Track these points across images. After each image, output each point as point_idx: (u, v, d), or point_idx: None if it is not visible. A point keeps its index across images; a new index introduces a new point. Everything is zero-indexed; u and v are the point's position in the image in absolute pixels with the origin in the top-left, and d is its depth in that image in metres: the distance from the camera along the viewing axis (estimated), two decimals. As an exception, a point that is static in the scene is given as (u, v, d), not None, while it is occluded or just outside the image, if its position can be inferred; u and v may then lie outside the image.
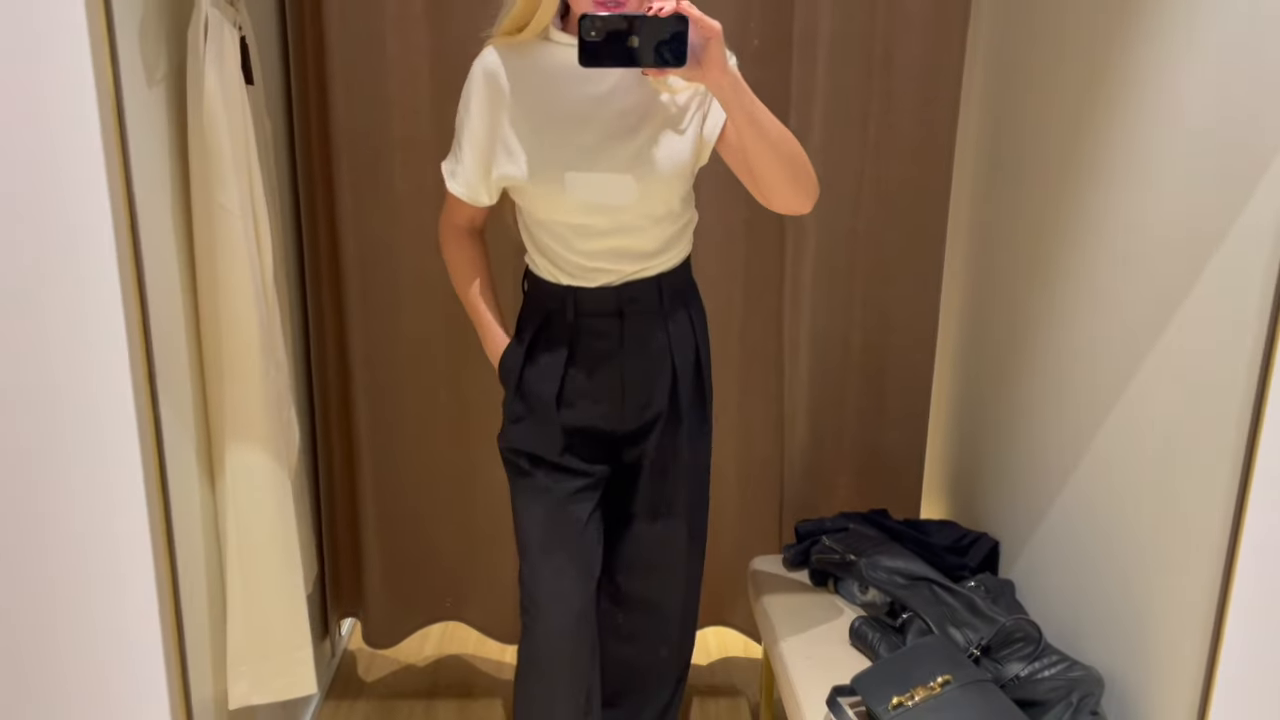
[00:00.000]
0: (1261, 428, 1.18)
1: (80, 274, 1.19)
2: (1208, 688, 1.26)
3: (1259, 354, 1.18)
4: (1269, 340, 1.16)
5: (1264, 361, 1.17)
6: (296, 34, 2.01)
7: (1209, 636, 1.26)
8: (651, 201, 1.50)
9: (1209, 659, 1.25)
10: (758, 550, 2.23)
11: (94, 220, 1.18)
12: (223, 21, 1.44)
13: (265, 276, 1.56)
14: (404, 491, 2.27)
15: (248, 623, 1.59)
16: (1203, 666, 1.27)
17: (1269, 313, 1.17)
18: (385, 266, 2.13)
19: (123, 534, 1.28)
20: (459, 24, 1.96)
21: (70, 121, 1.16)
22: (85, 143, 1.16)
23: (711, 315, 1.73)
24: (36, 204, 1.18)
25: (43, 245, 1.19)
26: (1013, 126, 1.97)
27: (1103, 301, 1.60)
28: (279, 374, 1.61)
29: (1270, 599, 1.22)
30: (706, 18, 1.32)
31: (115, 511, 1.28)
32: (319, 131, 2.05)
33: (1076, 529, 1.68)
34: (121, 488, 1.27)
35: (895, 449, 2.29)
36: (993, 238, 2.06)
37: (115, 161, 1.19)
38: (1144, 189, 1.48)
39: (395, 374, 2.20)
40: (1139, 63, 1.49)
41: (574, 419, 1.60)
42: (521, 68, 1.48)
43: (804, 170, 1.48)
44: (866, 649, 1.76)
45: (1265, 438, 1.18)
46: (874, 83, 2.09)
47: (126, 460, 1.25)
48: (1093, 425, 1.62)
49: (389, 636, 2.35)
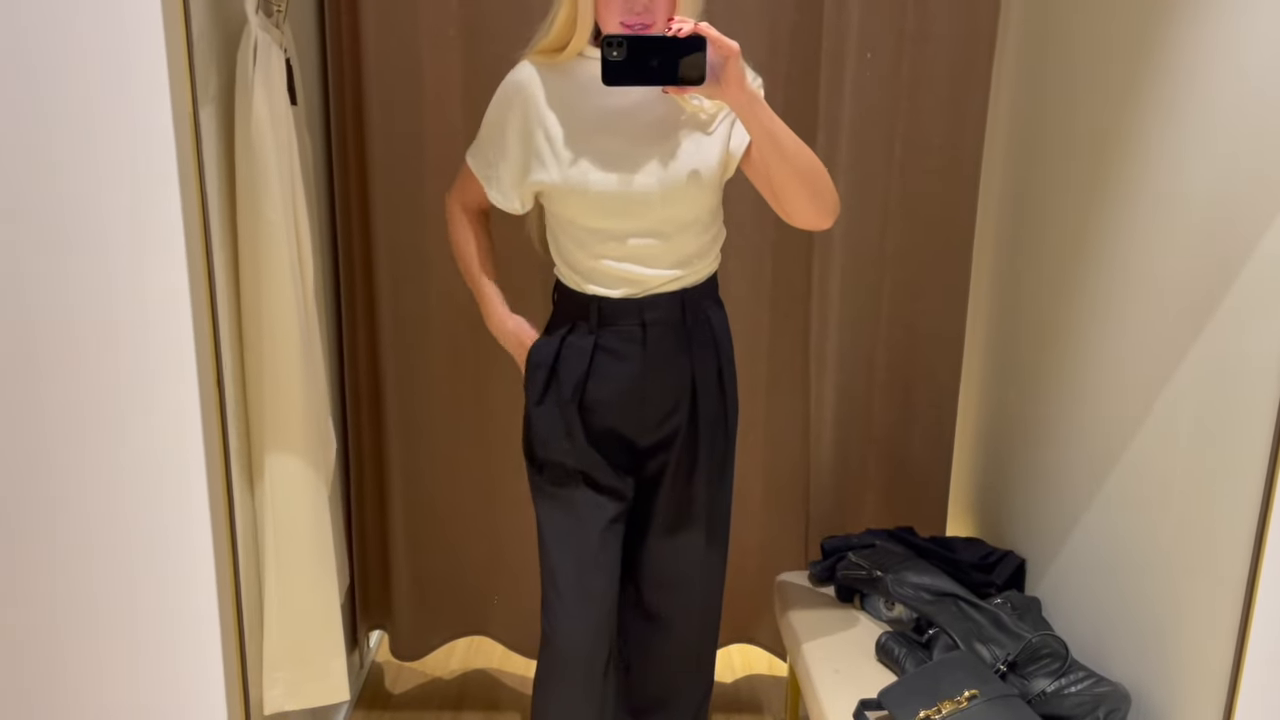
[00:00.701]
0: None
1: (152, 281, 1.24)
2: (1230, 703, 1.26)
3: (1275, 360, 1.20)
4: None
5: None
6: (335, 57, 2.06)
7: (1233, 651, 1.27)
8: (677, 205, 1.54)
9: (1233, 674, 1.26)
10: (783, 567, 2.24)
11: (168, 233, 1.23)
12: (270, 44, 1.49)
13: (307, 289, 1.60)
14: (432, 507, 2.30)
15: (283, 629, 1.61)
16: (1226, 681, 1.28)
17: None
18: (417, 282, 2.17)
19: (186, 538, 1.32)
20: (493, 46, 2.01)
21: (147, 140, 1.21)
22: (161, 164, 1.22)
23: (738, 334, 1.76)
24: (113, 215, 1.23)
25: (116, 255, 1.24)
26: (1039, 144, 1.99)
27: (1128, 320, 1.62)
28: (318, 384, 1.65)
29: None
30: (724, 38, 1.38)
31: (180, 517, 1.32)
32: (355, 150, 2.11)
33: (1102, 546, 1.69)
34: (185, 494, 1.31)
35: (921, 466, 2.30)
36: (1018, 256, 2.08)
37: (191, 179, 1.25)
38: (1170, 205, 1.50)
39: (425, 389, 2.24)
40: (1166, 80, 1.52)
41: (596, 423, 1.63)
42: (554, 80, 1.55)
43: (824, 186, 1.52)
44: (893, 664, 1.77)
45: None
46: (900, 103, 2.12)
47: (191, 465, 1.30)
48: (1119, 443, 1.63)
49: (416, 649, 2.37)
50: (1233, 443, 1.32)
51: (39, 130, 1.20)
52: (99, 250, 1.23)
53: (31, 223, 1.22)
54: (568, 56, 1.52)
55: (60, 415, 1.28)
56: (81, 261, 1.23)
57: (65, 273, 1.23)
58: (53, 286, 1.24)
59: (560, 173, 1.53)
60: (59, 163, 1.21)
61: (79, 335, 1.25)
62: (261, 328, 1.51)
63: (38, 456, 1.29)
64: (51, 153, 1.21)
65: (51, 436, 1.28)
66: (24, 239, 1.22)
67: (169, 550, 1.32)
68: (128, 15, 1.17)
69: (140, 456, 1.29)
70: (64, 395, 1.27)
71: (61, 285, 1.24)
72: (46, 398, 1.27)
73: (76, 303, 1.24)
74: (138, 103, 1.20)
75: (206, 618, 1.34)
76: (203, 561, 1.32)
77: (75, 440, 1.28)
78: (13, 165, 1.20)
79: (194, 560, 1.32)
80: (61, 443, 1.28)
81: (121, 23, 1.18)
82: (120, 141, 1.20)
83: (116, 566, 1.33)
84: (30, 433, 1.28)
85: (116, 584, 1.34)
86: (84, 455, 1.29)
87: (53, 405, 1.27)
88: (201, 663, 1.36)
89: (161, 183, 1.21)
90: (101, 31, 1.18)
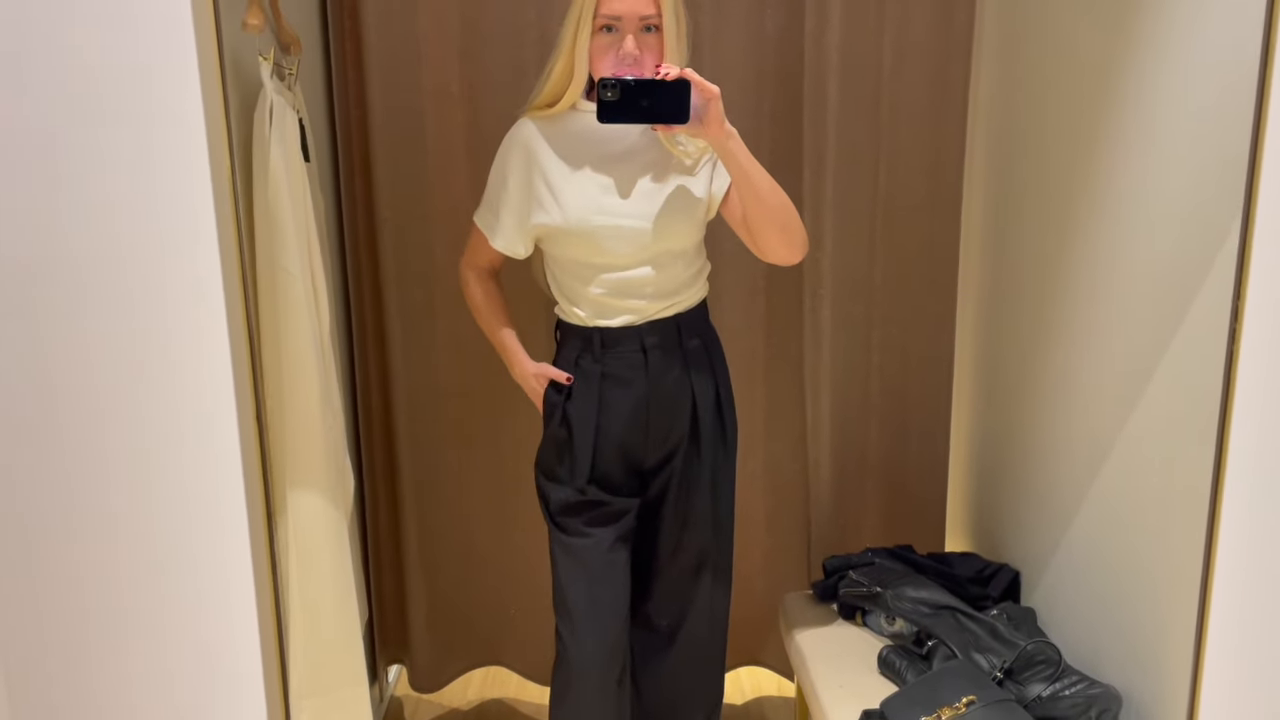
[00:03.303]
0: (1226, 453, 1.31)
1: (193, 328, 1.35)
2: (1193, 696, 1.37)
3: (1220, 378, 1.31)
4: (1227, 370, 1.30)
5: (1225, 387, 1.30)
6: (344, 115, 2.17)
7: (1193, 648, 1.38)
8: (668, 239, 1.66)
9: (1194, 669, 1.37)
10: (788, 588, 2.30)
11: (208, 286, 1.34)
12: (285, 106, 1.59)
13: (324, 333, 1.69)
14: (446, 541, 2.38)
15: (308, 660, 1.68)
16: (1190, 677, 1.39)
17: (1226, 345, 1.30)
18: (426, 327, 2.26)
19: (224, 572, 1.40)
20: (494, 102, 2.12)
21: (189, 200, 1.32)
22: (201, 222, 1.32)
23: (735, 363, 1.85)
24: (157, 264, 1.33)
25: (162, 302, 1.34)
26: (1016, 170, 2.08)
27: (1106, 337, 1.70)
28: (335, 423, 1.73)
29: (1247, 616, 1.34)
30: (706, 82, 1.53)
31: (219, 552, 1.40)
32: (364, 205, 2.21)
33: (1090, 557, 1.76)
34: (223, 529, 1.39)
35: (917, 486, 2.37)
36: (1002, 279, 2.16)
37: (230, 237, 1.36)
38: (1142, 224, 1.59)
39: (437, 428, 2.32)
40: (1133, 112, 1.61)
41: (605, 447, 1.73)
42: (552, 133, 1.67)
43: (794, 223, 1.66)
44: (894, 676, 1.83)
45: (1231, 461, 1.31)
46: (882, 140, 2.22)
47: (230, 504, 1.38)
48: (1098, 459, 1.71)
49: (434, 681, 2.43)
50: (1189, 456, 1.41)
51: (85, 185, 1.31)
52: (145, 303, 1.34)
53: (83, 275, 1.32)
54: (563, 108, 1.65)
55: (101, 458, 1.37)
56: (127, 314, 1.34)
57: (117, 325, 1.34)
58: (100, 326, 1.34)
59: (561, 215, 1.64)
60: (109, 222, 1.32)
61: (122, 377, 1.35)
62: (282, 371, 1.60)
63: (83, 496, 1.37)
64: (103, 213, 1.32)
65: (95, 476, 1.37)
66: (73, 291, 1.33)
67: (208, 583, 1.40)
68: (168, 82, 1.28)
69: (183, 495, 1.37)
70: (107, 436, 1.36)
71: (113, 337, 1.34)
72: (90, 440, 1.36)
73: (122, 349, 1.34)
74: (179, 163, 1.30)
75: (247, 651, 1.42)
76: (243, 598, 1.40)
77: (118, 480, 1.37)
78: (69, 222, 1.31)
79: (234, 598, 1.40)
80: (107, 484, 1.37)
81: (162, 90, 1.28)
82: (163, 200, 1.31)
83: (159, 604, 1.41)
84: (74, 472, 1.37)
85: (159, 619, 1.41)
86: (123, 496, 1.37)
87: (97, 447, 1.36)
88: (242, 694, 1.43)
89: (202, 239, 1.32)
90: (139, 96, 1.29)
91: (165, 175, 1.30)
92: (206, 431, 1.35)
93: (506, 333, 1.82)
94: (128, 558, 1.39)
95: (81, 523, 1.38)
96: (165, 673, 1.42)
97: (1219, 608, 1.34)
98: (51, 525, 1.38)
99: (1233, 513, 1.32)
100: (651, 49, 1.59)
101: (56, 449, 1.36)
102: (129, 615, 1.41)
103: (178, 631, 1.41)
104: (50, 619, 1.40)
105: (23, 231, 1.31)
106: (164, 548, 1.39)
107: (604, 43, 1.58)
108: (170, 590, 1.40)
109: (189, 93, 1.28)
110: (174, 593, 1.40)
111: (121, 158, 1.30)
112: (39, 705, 1.42)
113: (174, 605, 1.40)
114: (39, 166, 1.30)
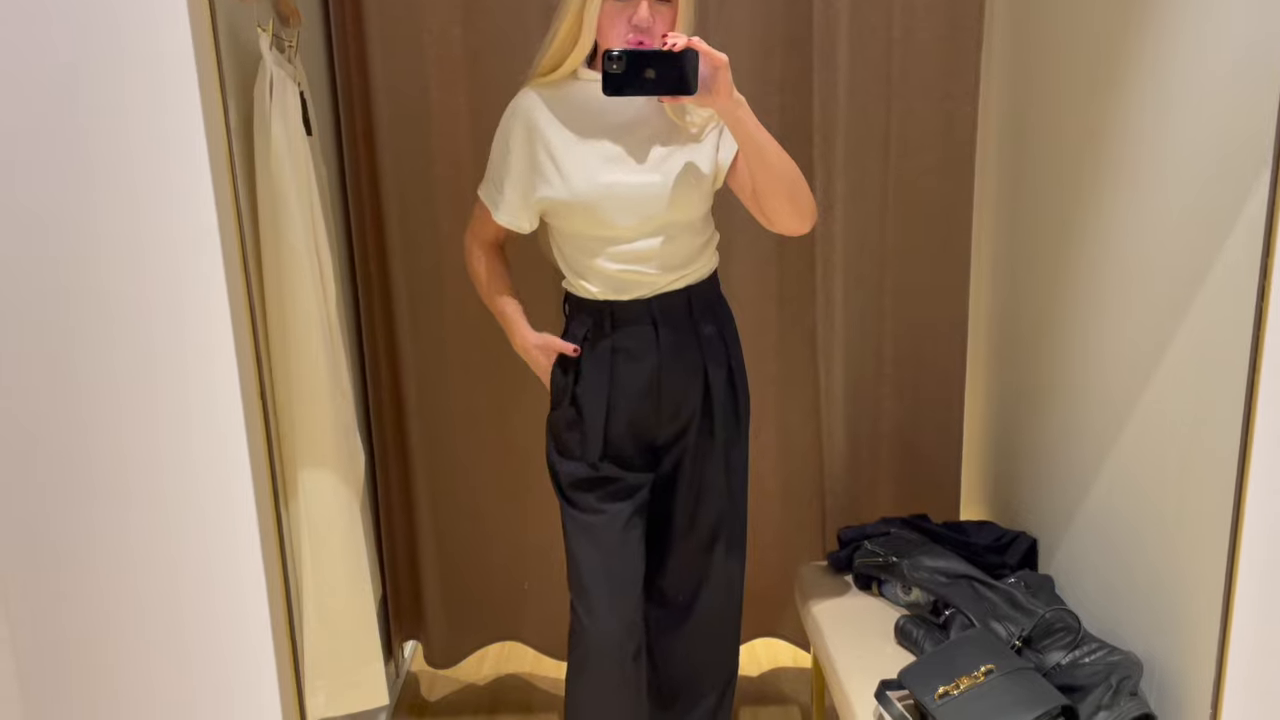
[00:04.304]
0: (1255, 414, 1.27)
1: (197, 305, 1.33)
2: (1221, 661, 1.34)
3: (1249, 344, 1.27)
4: (1256, 329, 1.26)
5: (1254, 348, 1.27)
6: (345, 86, 2.14)
7: (1220, 614, 1.35)
8: (676, 209, 1.63)
9: (1221, 635, 1.34)
10: (803, 560, 2.29)
11: (208, 262, 1.31)
12: (285, 78, 1.56)
13: (330, 310, 1.67)
14: (459, 516, 2.37)
15: (322, 639, 1.68)
16: (1217, 644, 1.36)
17: (1255, 303, 1.26)
18: (433, 300, 2.24)
19: (235, 556, 1.40)
20: (496, 68, 2.08)
21: (185, 176, 1.30)
22: (199, 198, 1.30)
23: (747, 334, 1.83)
24: (156, 244, 1.31)
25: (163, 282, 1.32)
26: (1029, 137, 2.05)
27: (1124, 301, 1.67)
28: (344, 400, 1.72)
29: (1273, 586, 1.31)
30: (714, 51, 1.49)
31: (229, 535, 1.39)
32: (368, 177, 2.18)
33: (1109, 523, 1.74)
34: (232, 512, 1.38)
35: (932, 454, 2.35)
36: (1017, 244, 2.13)
37: (229, 213, 1.33)
38: (1160, 185, 1.55)
39: (446, 402, 2.30)
40: (1150, 62, 1.57)
41: (617, 423, 1.71)
42: (555, 102, 1.63)
43: (802, 192, 1.62)
44: (912, 646, 1.82)
45: (1260, 423, 1.28)
46: (893, 103, 2.17)
47: (237, 484, 1.37)
48: (1119, 421, 1.68)
49: (449, 657, 2.44)
50: (1216, 419, 1.38)
51: (77, 150, 1.29)
52: (147, 284, 1.32)
53: (79, 247, 1.30)
54: (564, 74, 1.61)
55: (110, 440, 1.35)
56: (128, 295, 1.32)
57: (117, 307, 1.32)
58: (101, 312, 1.32)
59: (565, 187, 1.60)
60: (100, 191, 1.29)
61: (123, 357, 1.33)
62: (289, 348, 1.58)
63: (92, 479, 1.36)
64: (95, 179, 1.29)
65: (104, 459, 1.36)
66: (70, 260, 1.31)
67: (220, 569, 1.39)
68: (164, 49, 1.25)
69: (190, 477, 1.36)
70: (115, 420, 1.35)
71: (114, 320, 1.32)
72: (98, 424, 1.35)
73: (123, 333, 1.32)
74: (172, 136, 1.28)
75: (258, 632, 1.41)
76: (253, 578, 1.39)
77: (126, 462, 1.36)
78: (61, 188, 1.29)
79: (244, 577, 1.39)
80: (116, 466, 1.36)
81: (159, 58, 1.26)
82: (161, 178, 1.29)
83: (168, 584, 1.40)
84: (83, 455, 1.36)
85: (168, 600, 1.40)
86: (131, 478, 1.36)
87: (105, 430, 1.35)
88: (255, 676, 1.43)
89: (202, 217, 1.30)
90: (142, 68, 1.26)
91: (162, 152, 1.28)
92: (211, 413, 1.34)
93: (506, 301, 1.79)
94: (136, 540, 1.38)
95: (89, 503, 1.37)
96: (179, 653, 1.42)
97: (1247, 571, 1.31)
98: (59, 504, 1.37)
99: (1261, 474, 1.28)
100: (663, 18, 1.55)
101: (58, 429, 1.34)
102: (141, 597, 1.40)
103: (190, 612, 1.41)
104: (62, 601, 1.40)
105: (16, 211, 1.28)
106: (173, 530, 1.38)
107: (614, 9, 1.54)
108: (181, 572, 1.39)
109: (184, 67, 1.25)
110: (185, 574, 1.40)
111: (117, 136, 1.27)
112: (50, 679, 1.42)
113: (185, 586, 1.40)
114: (27, 147, 1.27)
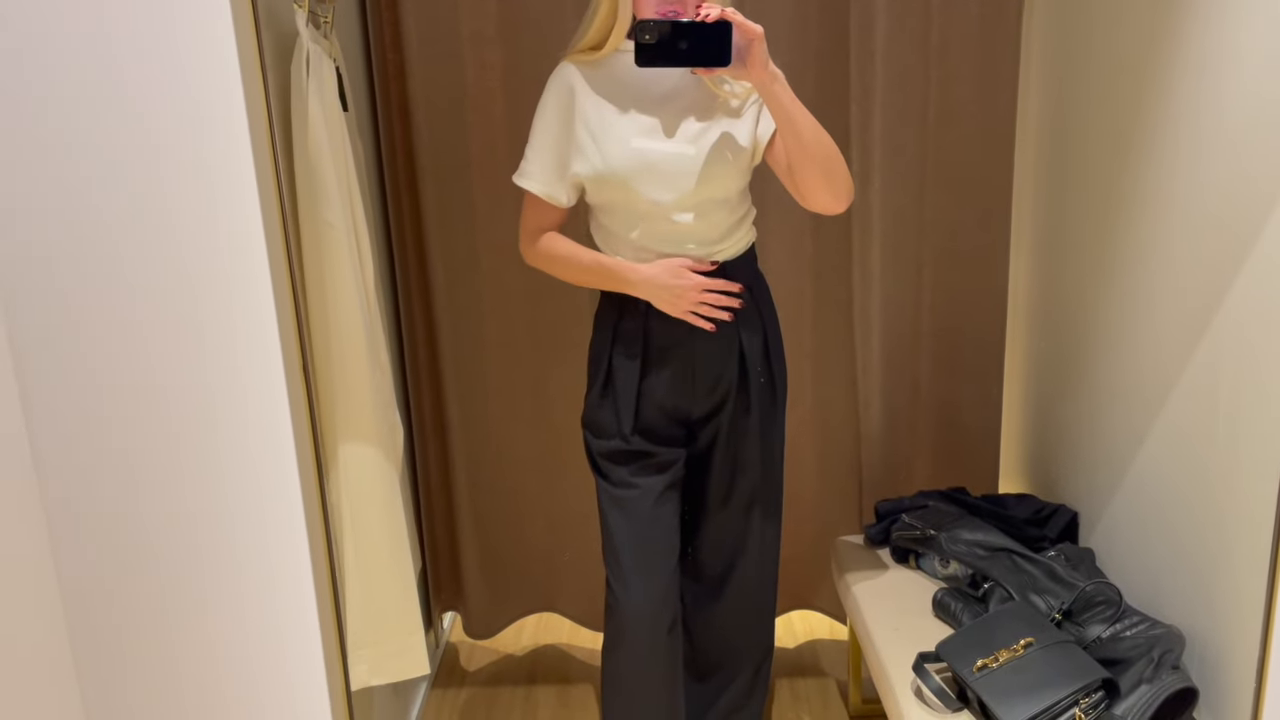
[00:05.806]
0: None
1: (240, 285, 1.34)
2: (1266, 636, 1.31)
3: None
4: None
5: None
6: (380, 62, 2.14)
7: (1265, 588, 1.31)
8: (712, 183, 1.61)
9: (1266, 609, 1.31)
10: (839, 532, 2.29)
11: (249, 238, 1.33)
12: (321, 54, 1.57)
13: (368, 286, 1.68)
14: (496, 489, 2.39)
15: (364, 610, 1.70)
16: (1262, 617, 1.32)
17: None
18: (469, 275, 2.25)
19: (280, 527, 1.42)
20: (531, 43, 2.08)
21: (227, 155, 1.31)
22: (241, 175, 1.31)
23: (783, 307, 1.81)
24: (198, 222, 1.33)
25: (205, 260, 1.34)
26: (1072, 104, 2.01)
27: (1168, 273, 1.64)
28: (383, 376, 1.73)
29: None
30: (749, 22, 1.46)
31: (274, 507, 1.42)
32: (404, 152, 2.19)
33: (1152, 496, 1.72)
34: (278, 485, 1.40)
35: (970, 427, 2.33)
36: (1058, 215, 2.10)
37: (270, 189, 1.34)
38: (1209, 146, 1.52)
39: (483, 377, 2.32)
40: (1203, 28, 1.53)
41: (653, 400, 1.70)
42: (593, 76, 1.62)
43: (838, 171, 1.59)
44: (950, 619, 1.81)
45: None
46: (931, 70, 2.14)
47: (283, 457, 1.39)
48: (1163, 391, 1.66)
49: (488, 628, 2.47)
50: (1266, 384, 1.35)
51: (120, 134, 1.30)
52: (188, 263, 1.33)
53: (122, 236, 1.32)
54: (607, 52, 1.59)
55: (159, 414, 1.38)
56: (170, 274, 1.34)
57: (160, 285, 1.34)
58: (146, 292, 1.34)
59: (602, 160, 1.59)
60: (141, 168, 1.31)
61: (166, 340, 1.35)
62: (328, 324, 1.60)
63: (144, 453, 1.39)
64: (139, 156, 1.30)
65: (153, 433, 1.38)
66: (112, 243, 1.33)
67: (264, 542, 1.42)
68: (204, 25, 1.26)
69: (235, 452, 1.39)
70: (162, 395, 1.37)
71: (156, 299, 1.34)
72: (147, 401, 1.37)
73: (166, 312, 1.35)
74: (214, 112, 1.29)
75: (304, 603, 1.44)
76: (297, 551, 1.41)
77: (175, 438, 1.38)
78: (104, 168, 1.31)
79: (289, 550, 1.42)
80: (164, 440, 1.39)
81: (197, 42, 1.27)
82: (202, 155, 1.30)
83: (211, 558, 1.43)
84: (135, 430, 1.38)
85: (214, 574, 1.43)
86: (181, 451, 1.39)
87: (153, 405, 1.37)
88: (301, 647, 1.45)
89: (244, 194, 1.31)
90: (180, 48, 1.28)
91: (204, 130, 1.29)
92: (255, 389, 1.36)
93: (597, 256, 1.68)
94: (182, 515, 1.40)
95: (134, 483, 1.40)
96: (227, 626, 1.45)
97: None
98: (111, 480, 1.40)
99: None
100: None
101: (109, 407, 1.37)
102: (186, 573, 1.43)
103: (237, 586, 1.43)
104: (113, 574, 1.43)
105: (55, 193, 1.30)
106: (218, 506, 1.40)
107: None
108: (226, 546, 1.42)
109: (225, 44, 1.26)
110: (230, 548, 1.42)
111: (158, 115, 1.28)
112: (102, 652, 1.45)
113: (230, 560, 1.42)
114: (68, 128, 1.29)
